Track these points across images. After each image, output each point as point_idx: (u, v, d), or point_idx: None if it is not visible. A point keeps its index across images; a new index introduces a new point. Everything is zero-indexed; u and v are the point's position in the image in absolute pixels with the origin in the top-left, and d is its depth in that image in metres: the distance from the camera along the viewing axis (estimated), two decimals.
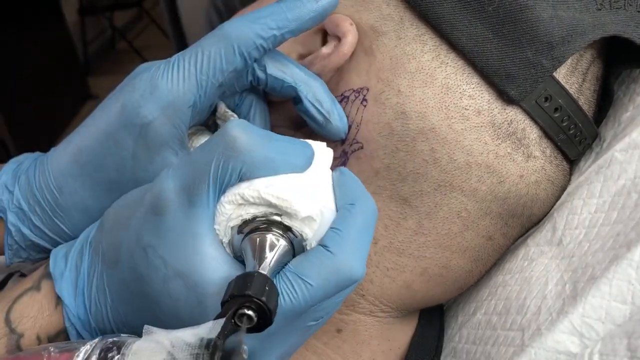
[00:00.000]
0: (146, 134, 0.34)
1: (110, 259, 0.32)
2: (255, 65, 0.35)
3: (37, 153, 0.39)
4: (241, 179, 0.30)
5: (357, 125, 0.37)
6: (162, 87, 0.34)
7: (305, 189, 0.30)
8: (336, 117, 0.37)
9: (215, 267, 0.29)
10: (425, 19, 0.36)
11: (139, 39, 3.39)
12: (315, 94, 0.36)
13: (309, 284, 0.28)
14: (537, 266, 0.38)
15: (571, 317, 0.33)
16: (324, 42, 0.39)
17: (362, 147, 0.37)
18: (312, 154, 0.32)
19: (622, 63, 0.41)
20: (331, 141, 0.38)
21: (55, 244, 0.37)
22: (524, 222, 0.40)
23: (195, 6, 1.78)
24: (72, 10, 3.06)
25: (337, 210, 0.31)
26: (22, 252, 0.38)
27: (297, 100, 0.37)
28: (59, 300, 0.33)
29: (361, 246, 0.30)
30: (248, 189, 0.30)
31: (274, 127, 0.40)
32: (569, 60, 0.37)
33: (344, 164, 0.38)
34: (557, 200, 0.40)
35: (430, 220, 0.38)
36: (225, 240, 0.31)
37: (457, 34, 0.36)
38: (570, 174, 0.41)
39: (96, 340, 0.28)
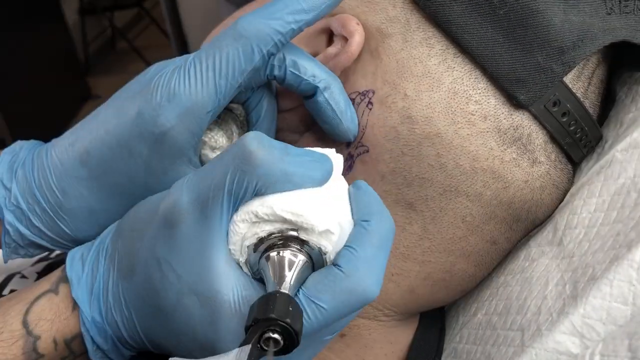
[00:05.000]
0: (162, 142, 0.33)
1: (126, 269, 0.31)
2: (275, 62, 0.34)
3: (33, 142, 0.38)
4: (257, 193, 0.29)
5: (363, 129, 0.37)
6: (180, 94, 0.32)
7: (320, 202, 0.29)
8: (348, 119, 0.36)
9: (229, 285, 0.29)
10: (433, 22, 0.36)
11: (139, 39, 3.38)
12: (333, 94, 0.35)
13: (323, 307, 0.28)
14: (538, 266, 0.38)
15: (572, 318, 0.33)
16: (329, 42, 0.39)
17: (367, 151, 0.37)
18: (331, 167, 0.31)
19: (626, 66, 0.41)
20: (338, 144, 0.37)
21: (55, 243, 0.36)
22: (528, 226, 0.40)
23: (196, 6, 1.78)
24: (72, 10, 3.05)
25: (354, 223, 0.30)
26: (20, 249, 0.37)
27: (311, 98, 0.36)
28: (75, 304, 0.32)
29: (377, 266, 0.29)
30: (261, 206, 0.29)
31: (278, 131, 0.39)
32: None
33: (350, 167, 0.38)
34: (560, 203, 0.40)
35: (435, 225, 0.37)
36: (242, 259, 0.30)
37: (467, 37, 0.35)
38: (574, 176, 0.41)
39: None
